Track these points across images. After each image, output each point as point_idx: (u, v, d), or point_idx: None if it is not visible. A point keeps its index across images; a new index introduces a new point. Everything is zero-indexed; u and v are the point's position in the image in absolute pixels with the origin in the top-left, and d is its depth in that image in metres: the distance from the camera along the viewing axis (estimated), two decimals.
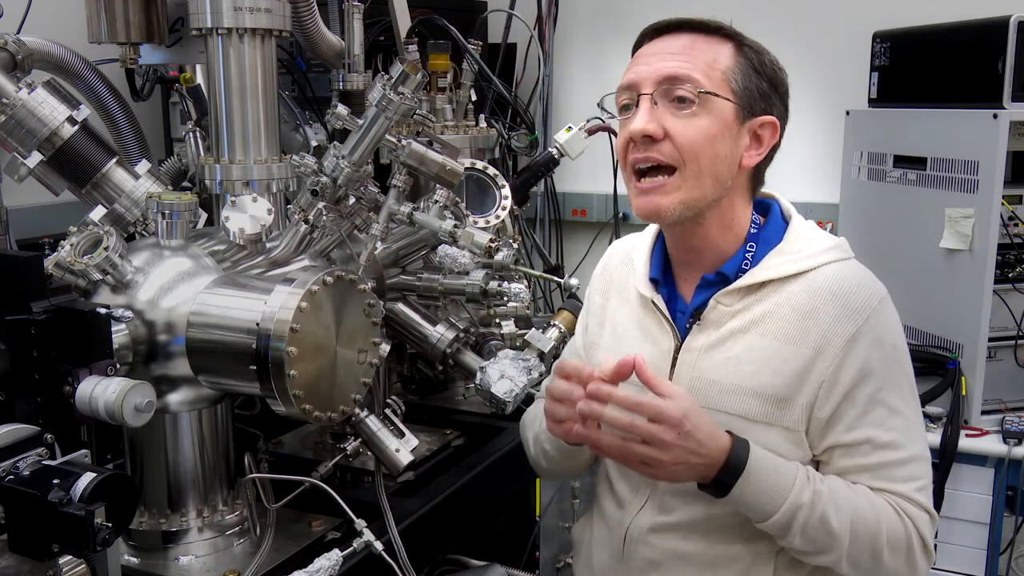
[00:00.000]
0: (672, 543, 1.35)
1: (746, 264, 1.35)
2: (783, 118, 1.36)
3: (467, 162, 1.94)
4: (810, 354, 1.27)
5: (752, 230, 1.37)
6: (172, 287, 1.36)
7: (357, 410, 1.52)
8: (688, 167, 1.28)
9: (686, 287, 1.40)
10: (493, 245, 1.63)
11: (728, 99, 1.29)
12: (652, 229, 1.48)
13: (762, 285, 1.32)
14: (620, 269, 1.51)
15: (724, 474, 1.22)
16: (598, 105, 1.40)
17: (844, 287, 1.29)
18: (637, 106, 1.30)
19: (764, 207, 1.41)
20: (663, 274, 1.43)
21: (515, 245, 1.91)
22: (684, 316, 1.38)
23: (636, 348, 1.40)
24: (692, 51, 1.29)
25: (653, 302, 1.40)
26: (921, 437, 1.33)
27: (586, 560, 1.52)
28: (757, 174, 1.37)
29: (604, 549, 1.46)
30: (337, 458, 1.62)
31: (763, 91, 1.32)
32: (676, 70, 1.28)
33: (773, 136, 1.34)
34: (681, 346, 1.36)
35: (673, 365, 1.36)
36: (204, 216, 1.61)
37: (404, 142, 1.59)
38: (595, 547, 1.49)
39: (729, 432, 1.24)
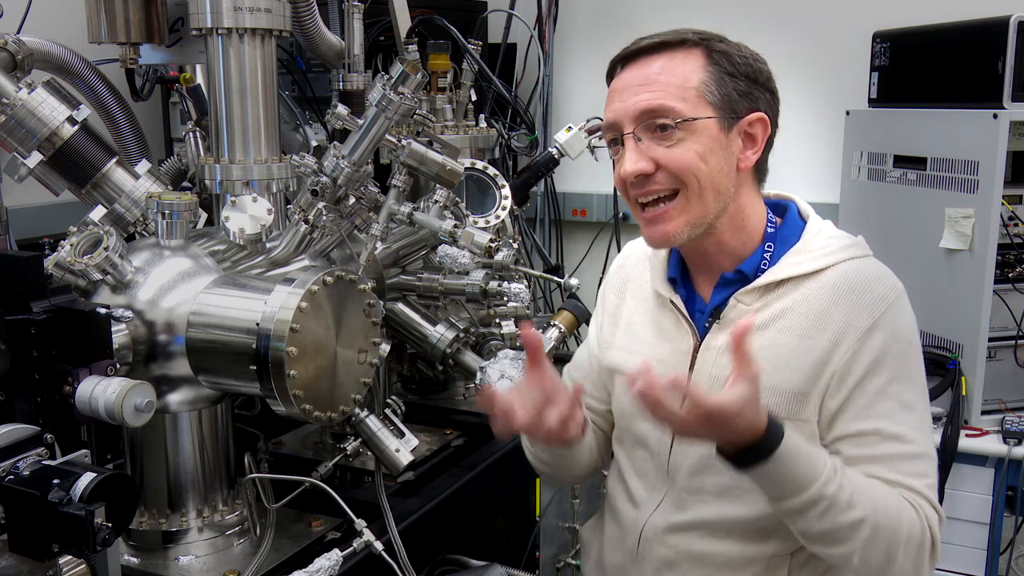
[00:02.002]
0: (688, 543, 1.35)
1: (765, 263, 1.35)
2: (772, 106, 1.34)
3: (467, 162, 1.94)
4: (828, 346, 1.27)
5: (769, 230, 1.37)
6: (172, 287, 1.36)
7: (357, 410, 1.52)
8: (688, 188, 1.28)
9: (704, 286, 1.40)
10: (493, 245, 1.63)
11: (708, 116, 1.27)
12: None
13: (781, 283, 1.32)
14: (637, 268, 1.51)
15: (749, 455, 1.16)
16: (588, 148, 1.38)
17: (862, 281, 1.30)
18: (623, 145, 1.30)
19: (781, 208, 1.41)
20: (681, 274, 1.42)
21: (515, 245, 1.91)
22: (703, 315, 1.38)
23: (651, 348, 1.41)
24: (662, 76, 1.28)
25: (672, 302, 1.40)
26: (930, 437, 1.32)
27: (596, 560, 1.52)
28: (759, 167, 1.37)
29: (617, 549, 1.45)
30: (337, 458, 1.62)
31: (742, 91, 1.30)
32: (650, 102, 1.27)
33: (765, 131, 1.32)
34: (700, 345, 1.36)
35: (692, 365, 1.36)
36: (204, 216, 1.61)
37: (404, 142, 1.59)
38: (607, 547, 1.49)
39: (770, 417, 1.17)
